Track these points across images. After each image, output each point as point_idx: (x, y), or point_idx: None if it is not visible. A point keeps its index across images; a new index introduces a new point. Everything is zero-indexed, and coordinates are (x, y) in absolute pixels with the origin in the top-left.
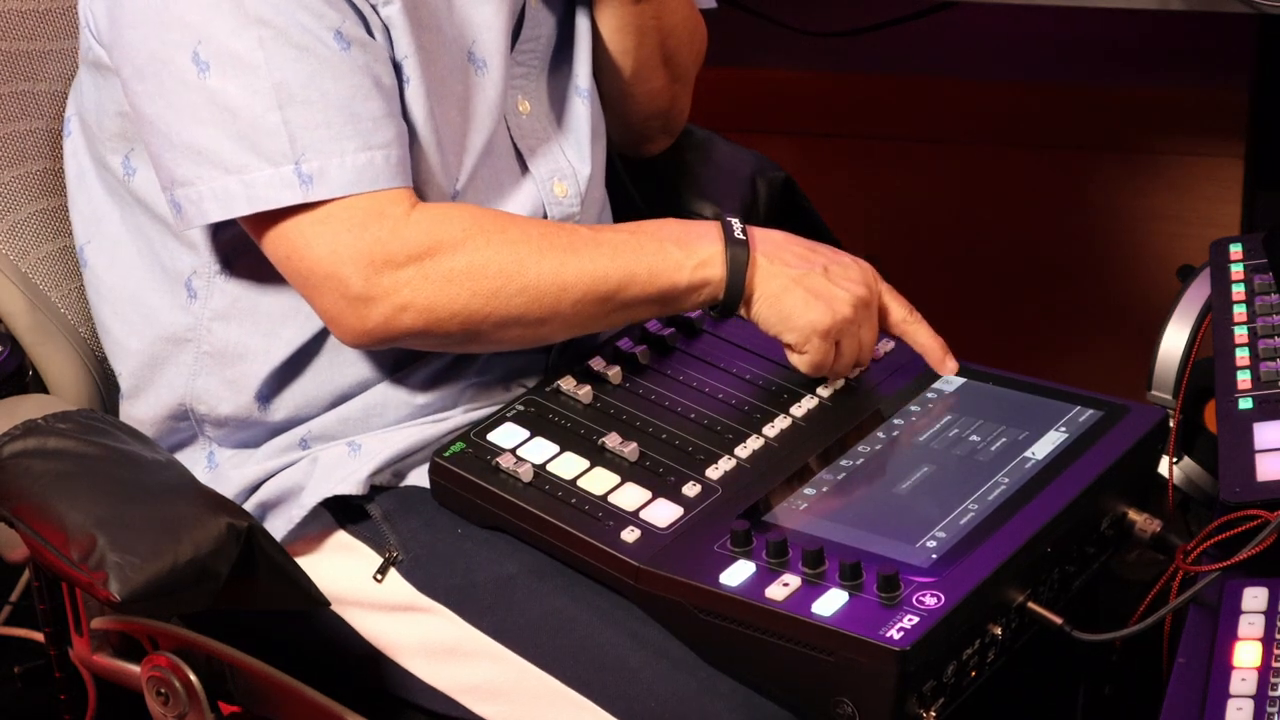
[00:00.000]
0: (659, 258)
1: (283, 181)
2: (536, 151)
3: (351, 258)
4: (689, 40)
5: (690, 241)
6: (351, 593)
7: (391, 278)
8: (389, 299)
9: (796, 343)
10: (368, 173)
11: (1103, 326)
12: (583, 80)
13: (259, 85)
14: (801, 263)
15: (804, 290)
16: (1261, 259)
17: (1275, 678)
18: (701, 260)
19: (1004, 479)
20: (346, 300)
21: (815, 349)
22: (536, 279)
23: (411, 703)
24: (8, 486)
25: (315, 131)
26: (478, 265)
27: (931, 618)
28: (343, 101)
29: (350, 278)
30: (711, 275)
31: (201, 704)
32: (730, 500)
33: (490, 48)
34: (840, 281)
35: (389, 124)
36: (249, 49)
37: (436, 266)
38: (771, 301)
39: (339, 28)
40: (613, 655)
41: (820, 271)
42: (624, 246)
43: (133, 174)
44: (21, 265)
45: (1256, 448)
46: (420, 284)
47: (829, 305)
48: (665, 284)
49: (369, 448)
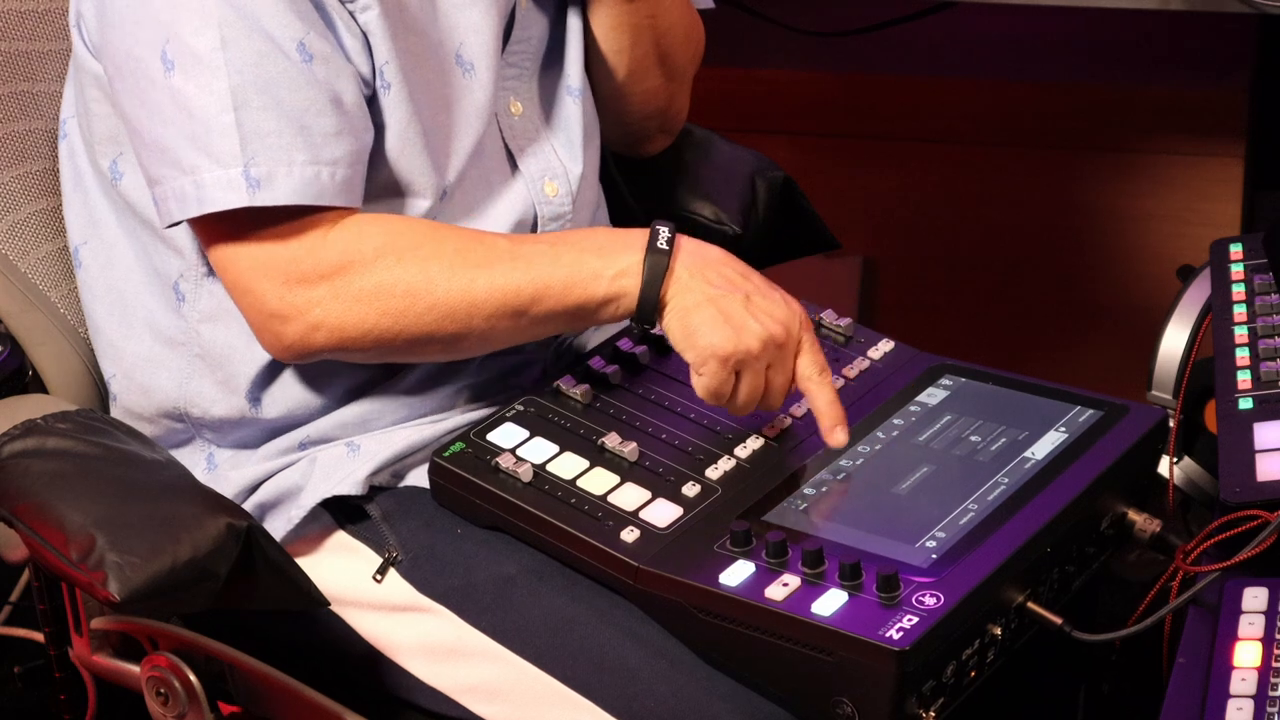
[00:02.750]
0: (575, 269)
1: (230, 183)
2: (527, 151)
3: (269, 274)
4: (685, 39)
5: (612, 251)
6: (351, 593)
7: (304, 295)
8: (302, 317)
9: (694, 363)
10: (313, 186)
11: (1103, 326)
12: (574, 80)
13: (216, 86)
14: (724, 284)
15: (716, 310)
16: (1261, 259)
17: (1275, 678)
18: (620, 270)
19: (1004, 479)
20: (264, 316)
21: (711, 373)
22: (445, 296)
23: (411, 703)
24: (7, 486)
25: (267, 139)
26: (386, 285)
27: (931, 618)
28: (296, 113)
29: (266, 294)
30: (628, 285)
31: (201, 704)
32: (730, 500)
33: (477, 50)
34: (758, 314)
35: (340, 142)
36: (210, 49)
37: (346, 286)
38: (680, 315)
39: (303, 39)
40: (612, 655)
41: (741, 297)
42: (541, 258)
43: (120, 178)
44: (21, 265)
45: (1256, 448)
46: (330, 303)
47: (736, 332)
48: (580, 296)
49: (368, 448)
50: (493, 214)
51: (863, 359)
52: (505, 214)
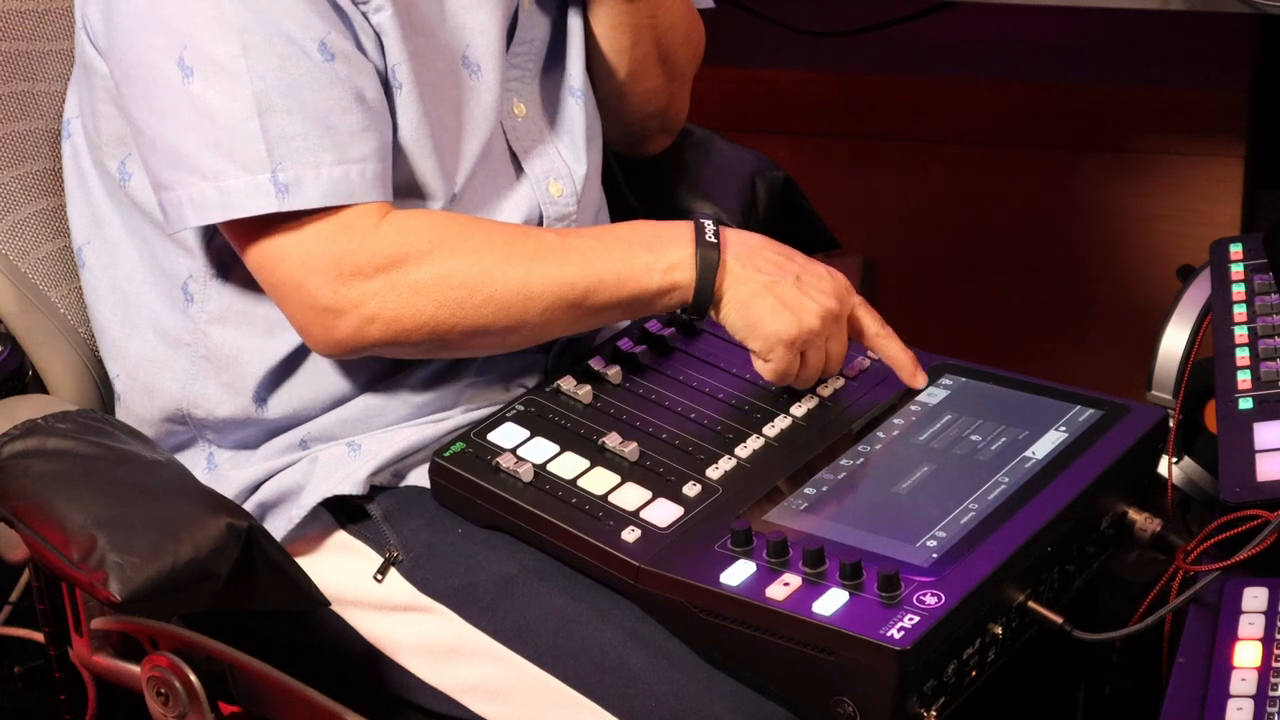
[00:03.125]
0: (627, 262)
1: (258, 189)
2: (531, 153)
3: (319, 269)
4: (685, 39)
5: (660, 245)
6: (352, 592)
7: (359, 289)
8: (356, 311)
9: (761, 350)
10: (343, 186)
11: (1103, 326)
12: (576, 80)
13: (239, 92)
14: (774, 269)
15: (773, 298)
16: (1261, 259)
17: (1275, 678)
18: (671, 264)
19: (1004, 478)
20: (315, 311)
21: (779, 358)
22: (503, 288)
23: (412, 703)
24: (8, 487)
25: (293, 142)
26: (443, 276)
27: (932, 617)
28: (321, 113)
29: (318, 289)
30: (681, 279)
31: (201, 704)
32: (730, 500)
33: (484, 52)
34: (811, 292)
35: (367, 138)
36: (231, 56)
37: (403, 278)
38: (740, 307)
39: (323, 39)
40: (613, 655)
41: (792, 280)
42: (591, 252)
43: (129, 178)
44: (21, 265)
45: (1256, 448)
46: (386, 296)
47: (797, 315)
48: (634, 289)
49: (369, 448)
50: (499, 216)
51: (863, 359)
52: (511, 215)
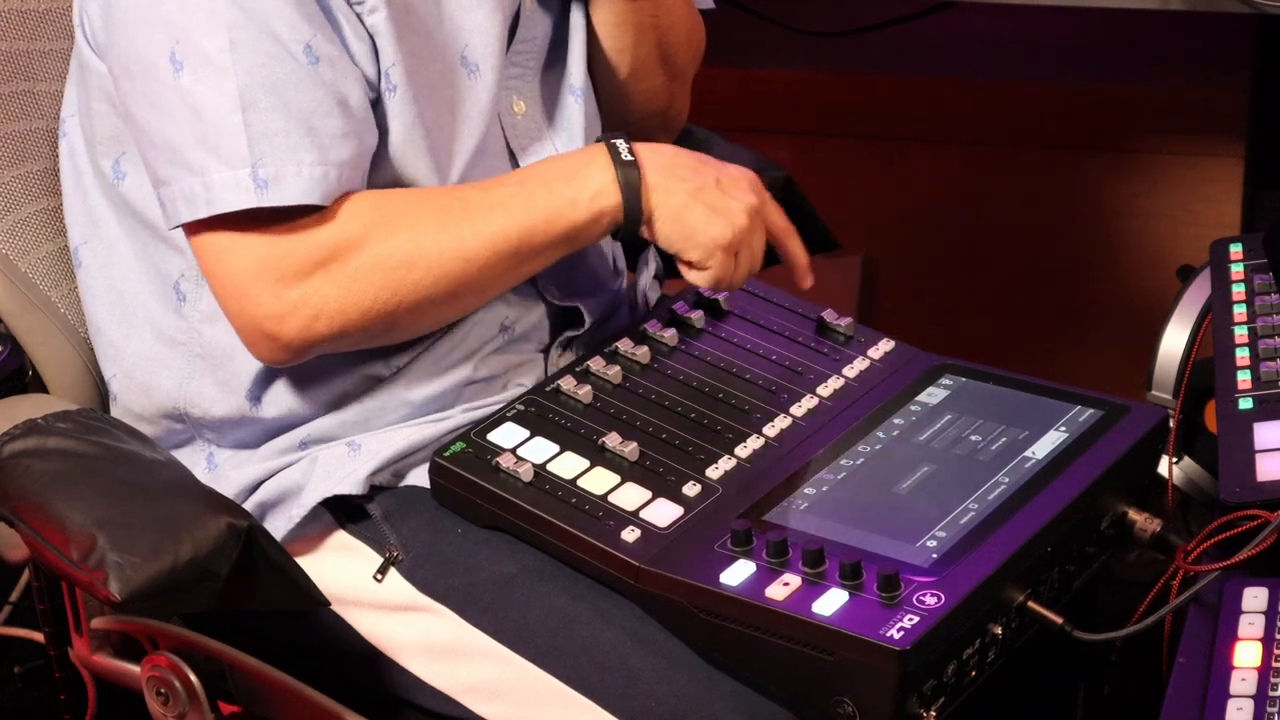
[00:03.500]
0: (551, 200)
1: (238, 184)
2: (528, 150)
3: (261, 274)
4: (686, 39)
5: (580, 175)
6: (352, 592)
7: (300, 289)
8: (299, 311)
9: (700, 259)
10: (321, 186)
11: (1103, 326)
12: (576, 79)
13: (225, 86)
14: (695, 176)
15: (702, 205)
16: (1261, 259)
17: (1275, 678)
18: (595, 191)
19: (1004, 478)
20: (259, 319)
21: (719, 263)
22: (438, 257)
23: (411, 703)
24: (8, 486)
25: (274, 139)
26: (381, 258)
27: (932, 617)
28: (304, 114)
29: (260, 296)
30: (607, 204)
31: (201, 704)
32: (730, 500)
33: (483, 52)
34: (734, 192)
35: (346, 144)
36: (219, 50)
37: (341, 269)
38: (672, 219)
39: (309, 41)
40: (613, 655)
41: (714, 184)
42: (515, 200)
43: (123, 178)
44: (21, 265)
45: (1256, 448)
46: (327, 289)
47: (728, 219)
48: (564, 225)
49: (368, 447)
50: None
51: (863, 359)
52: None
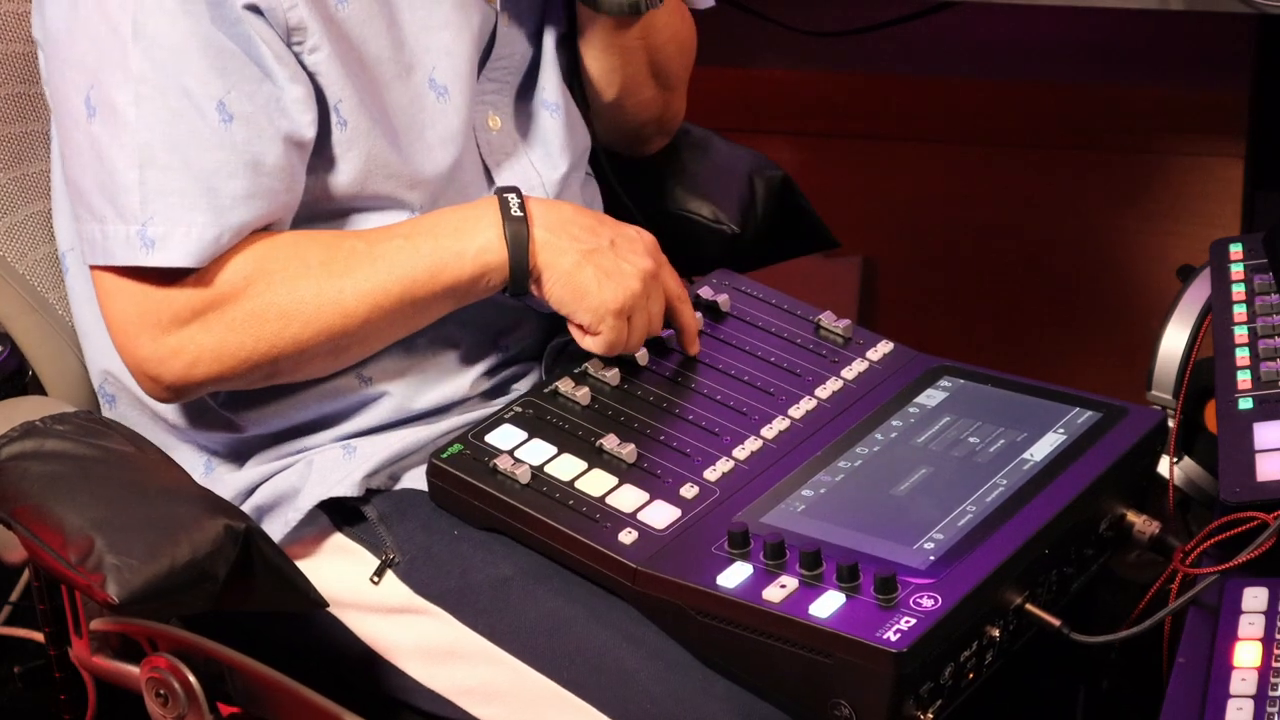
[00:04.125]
0: (436, 255)
1: (128, 239)
2: (503, 165)
3: (142, 322)
4: (677, 54)
5: (467, 229)
6: (348, 595)
7: (178, 336)
8: (178, 357)
9: (590, 323)
10: (209, 249)
11: (1103, 326)
12: (549, 94)
13: (125, 140)
14: (588, 236)
15: (594, 268)
16: (1261, 259)
17: (1275, 678)
18: (480, 247)
19: (1002, 480)
20: (139, 361)
21: (610, 328)
22: (316, 311)
23: (408, 704)
24: (6, 488)
25: (168, 198)
26: (258, 311)
27: (929, 619)
28: (204, 175)
29: (140, 340)
30: (493, 259)
31: (200, 705)
32: (728, 502)
33: (451, 74)
34: (628, 255)
35: (249, 205)
36: (126, 103)
37: (219, 318)
38: (563, 280)
39: (223, 98)
40: (609, 657)
41: (608, 245)
42: (400, 253)
43: None
44: (19, 267)
45: (1256, 448)
46: (203, 338)
47: (619, 282)
48: (448, 280)
49: (364, 450)
50: None
51: (861, 360)
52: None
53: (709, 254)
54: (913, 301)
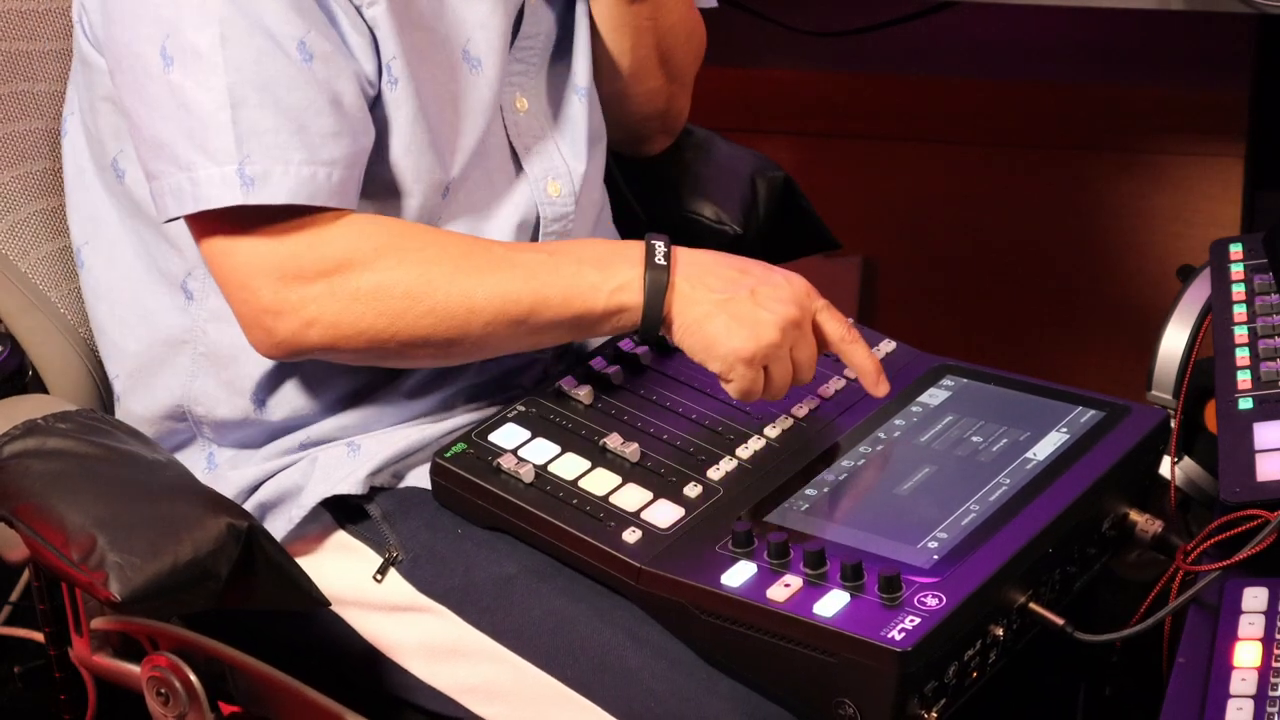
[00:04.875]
0: (575, 281)
1: (225, 180)
2: (532, 150)
3: (264, 269)
4: (686, 41)
5: (611, 264)
6: (351, 593)
7: (299, 293)
8: (296, 314)
9: (722, 371)
10: (309, 186)
11: (1103, 326)
12: (581, 79)
13: (214, 82)
14: (726, 286)
15: (727, 316)
16: (1261, 259)
17: (1275, 678)
18: (619, 284)
19: (1005, 479)
20: (257, 311)
21: (740, 376)
22: (445, 300)
23: (411, 703)
24: (7, 486)
25: (263, 136)
26: (385, 285)
27: (933, 618)
28: (294, 112)
29: (260, 289)
30: (628, 300)
31: (201, 704)
32: (732, 501)
33: (485, 46)
34: (767, 304)
35: (338, 143)
36: (209, 45)
37: (344, 284)
38: (693, 329)
39: (303, 38)
40: (613, 656)
41: (746, 294)
42: (540, 268)
43: (123, 175)
44: (21, 265)
45: (1256, 448)
46: (327, 301)
47: (752, 331)
48: (579, 308)
49: (368, 448)
50: (496, 213)
51: None
52: (508, 214)
53: None
54: (912, 301)
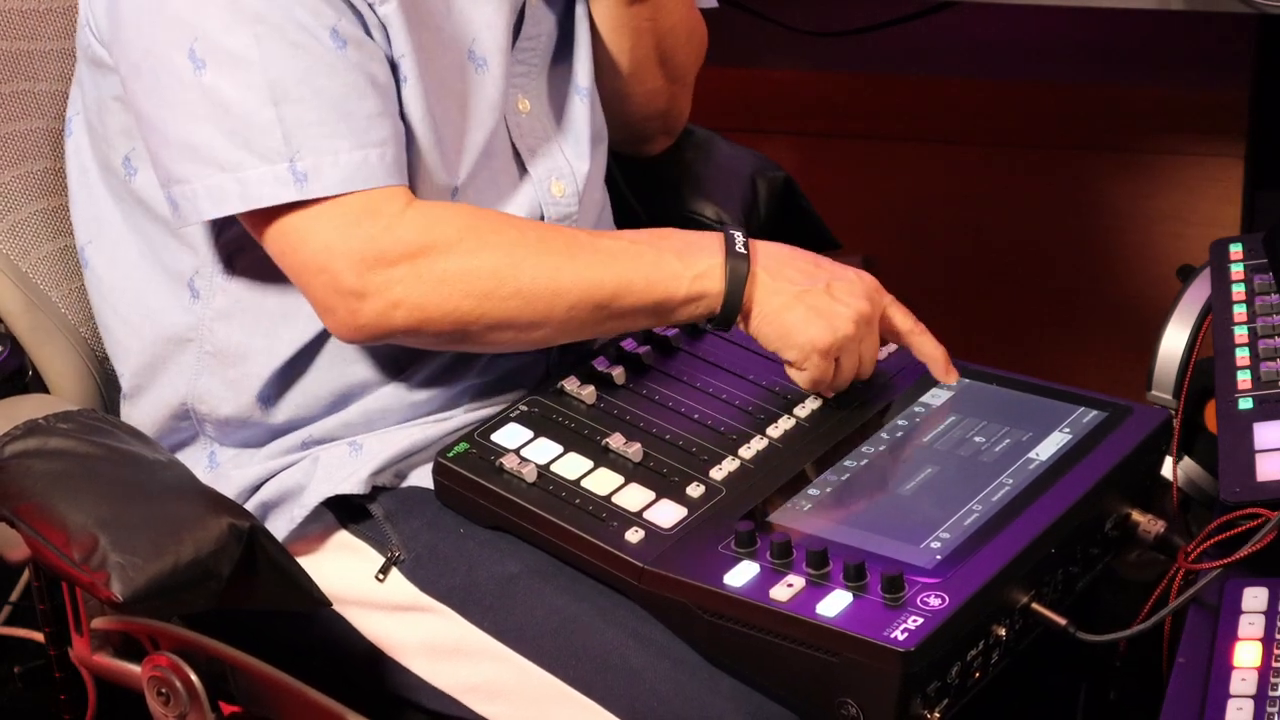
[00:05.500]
0: (657, 267)
1: (276, 179)
2: (536, 151)
3: (345, 253)
4: (686, 41)
5: (690, 252)
6: (353, 592)
7: (384, 275)
8: (381, 296)
9: (796, 360)
10: (362, 171)
11: (1103, 326)
12: (582, 79)
13: (253, 81)
14: (805, 279)
15: (805, 307)
16: (1261, 259)
17: (1275, 678)
18: (700, 272)
19: (1008, 480)
20: (339, 295)
21: (814, 366)
22: (531, 283)
23: (413, 702)
24: (9, 486)
25: (309, 129)
26: (471, 267)
27: (936, 619)
28: (337, 99)
29: (343, 272)
30: (709, 288)
31: (202, 704)
32: (734, 501)
33: (490, 46)
34: (843, 297)
35: (383, 122)
36: (244, 46)
37: (430, 266)
38: (771, 318)
39: (335, 25)
40: (615, 655)
41: (823, 288)
42: (622, 254)
43: (134, 174)
44: (22, 265)
45: (1256, 448)
46: (413, 283)
47: (829, 323)
48: (661, 294)
49: (370, 447)
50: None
51: None
52: (513, 213)
53: None
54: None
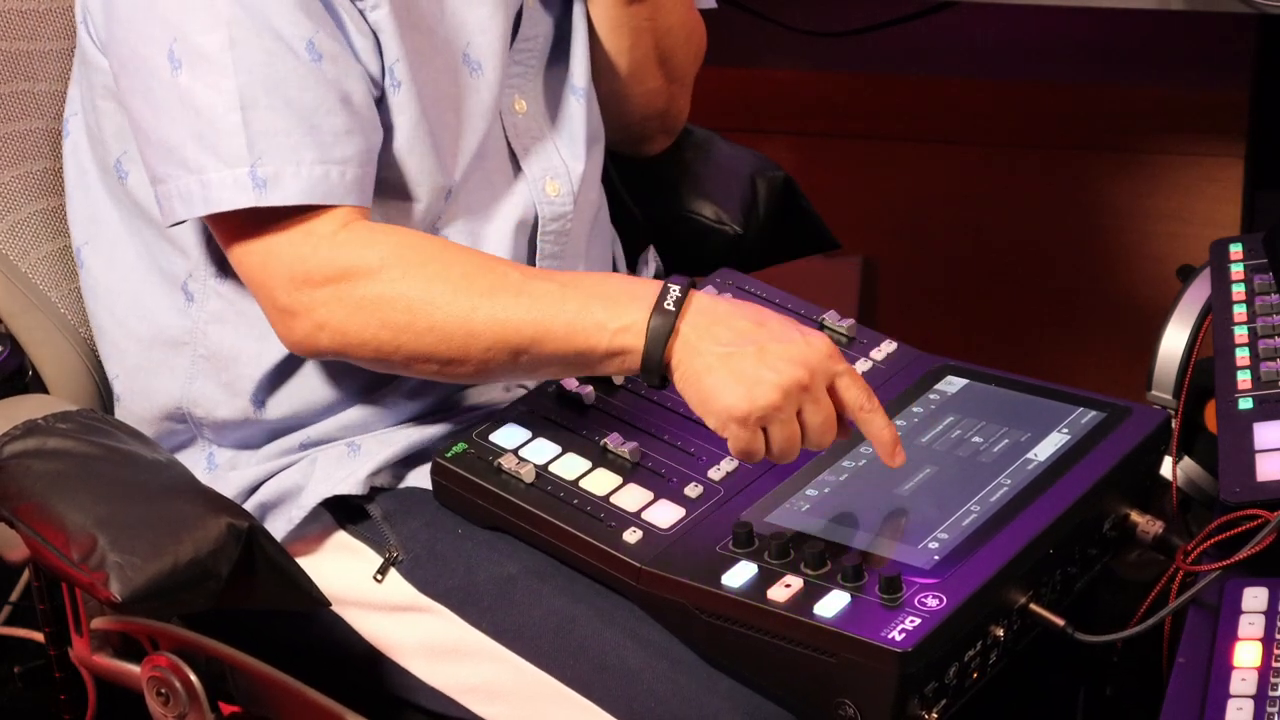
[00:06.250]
0: (580, 316)
1: (236, 183)
2: (530, 150)
3: (277, 270)
4: (685, 41)
5: (620, 303)
6: (352, 593)
7: (310, 296)
8: (308, 316)
9: (714, 427)
10: (322, 185)
11: (1103, 326)
12: (579, 80)
13: (223, 85)
14: (736, 340)
15: (726, 371)
16: (1261, 259)
17: (1275, 678)
18: (623, 326)
19: (1006, 480)
20: (275, 310)
21: (734, 435)
22: (444, 320)
23: (412, 703)
24: (8, 486)
25: (275, 138)
26: (387, 297)
27: (934, 619)
28: (306, 112)
29: (276, 289)
30: (630, 343)
31: (202, 704)
32: (732, 501)
33: (485, 50)
34: (774, 363)
35: (350, 141)
36: (218, 48)
37: (350, 291)
38: (692, 380)
39: (312, 38)
40: (613, 656)
41: (753, 351)
42: (546, 298)
43: (125, 176)
44: (22, 265)
45: (1256, 448)
46: (335, 306)
47: (749, 390)
48: (581, 344)
49: (368, 448)
50: (495, 214)
51: (865, 360)
52: (507, 214)
53: (712, 254)
54: (912, 301)
